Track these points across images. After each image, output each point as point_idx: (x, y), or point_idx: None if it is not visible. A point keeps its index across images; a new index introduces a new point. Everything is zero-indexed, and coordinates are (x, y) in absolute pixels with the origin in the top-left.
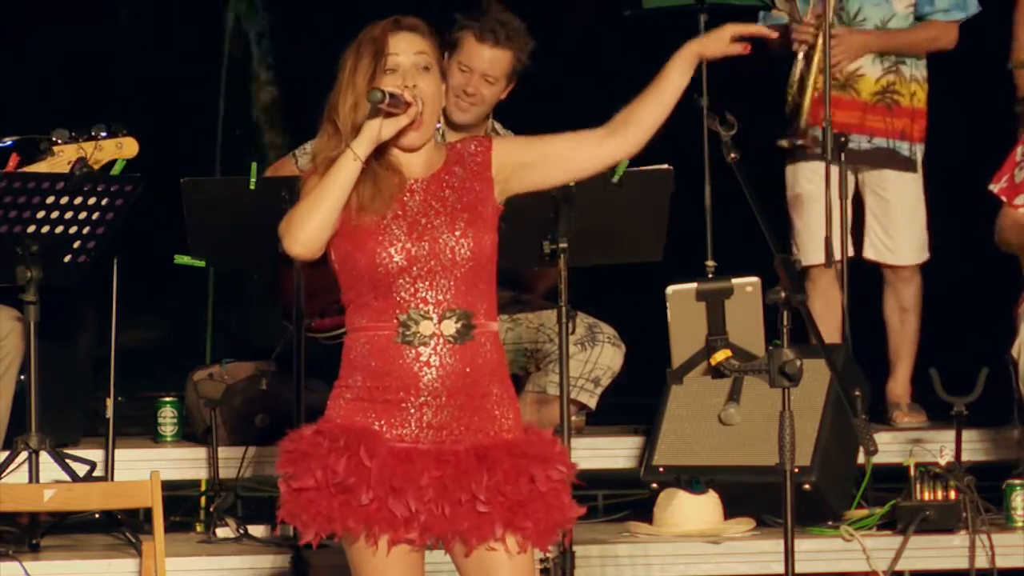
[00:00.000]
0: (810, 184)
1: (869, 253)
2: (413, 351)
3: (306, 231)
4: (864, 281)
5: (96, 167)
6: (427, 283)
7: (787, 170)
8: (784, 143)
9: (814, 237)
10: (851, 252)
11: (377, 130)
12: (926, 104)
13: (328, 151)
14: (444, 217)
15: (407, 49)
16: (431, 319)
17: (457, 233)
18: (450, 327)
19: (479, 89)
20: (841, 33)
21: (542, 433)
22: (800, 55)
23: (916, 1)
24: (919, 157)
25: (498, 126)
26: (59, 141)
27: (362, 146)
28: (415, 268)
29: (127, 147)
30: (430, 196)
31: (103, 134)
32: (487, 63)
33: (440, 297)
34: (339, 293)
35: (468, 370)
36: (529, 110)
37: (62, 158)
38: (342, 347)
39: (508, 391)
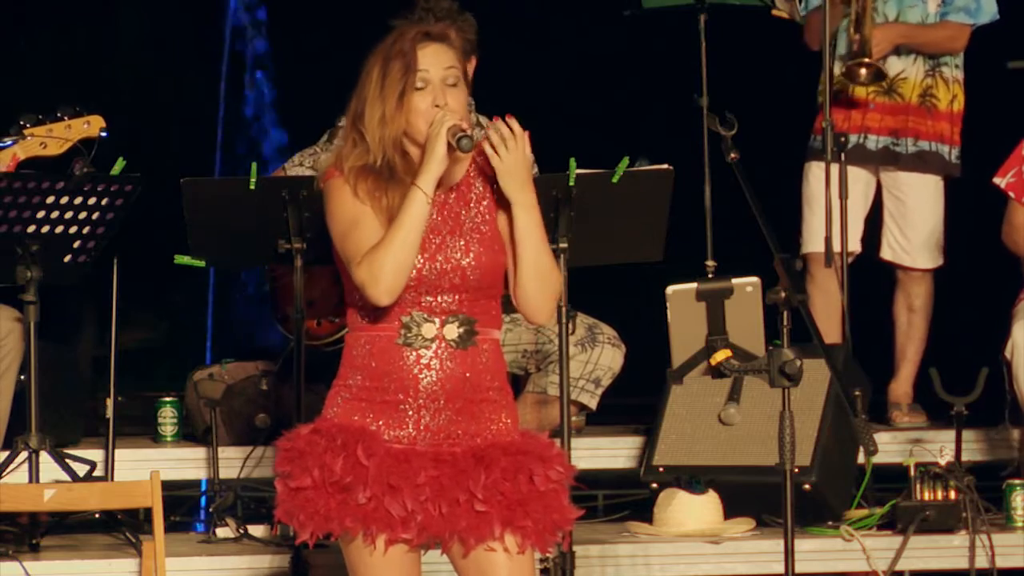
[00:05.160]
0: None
1: (886, 254)
2: (414, 353)
3: (389, 280)
4: (869, 280)
5: (68, 146)
6: (433, 292)
7: (805, 166)
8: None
9: (820, 230)
10: (859, 249)
11: (443, 166)
12: (964, 107)
13: (356, 160)
14: (457, 237)
15: (436, 64)
16: (434, 322)
17: (470, 255)
18: (452, 331)
19: None
20: (877, 28)
21: (539, 436)
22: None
23: (941, 2)
24: (957, 160)
25: (483, 120)
26: (27, 124)
27: (430, 184)
28: (423, 285)
29: (94, 124)
30: (447, 214)
31: (69, 115)
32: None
33: (444, 304)
34: (334, 303)
35: (468, 375)
36: (529, 110)
37: (33, 141)
38: (342, 350)
39: (507, 398)
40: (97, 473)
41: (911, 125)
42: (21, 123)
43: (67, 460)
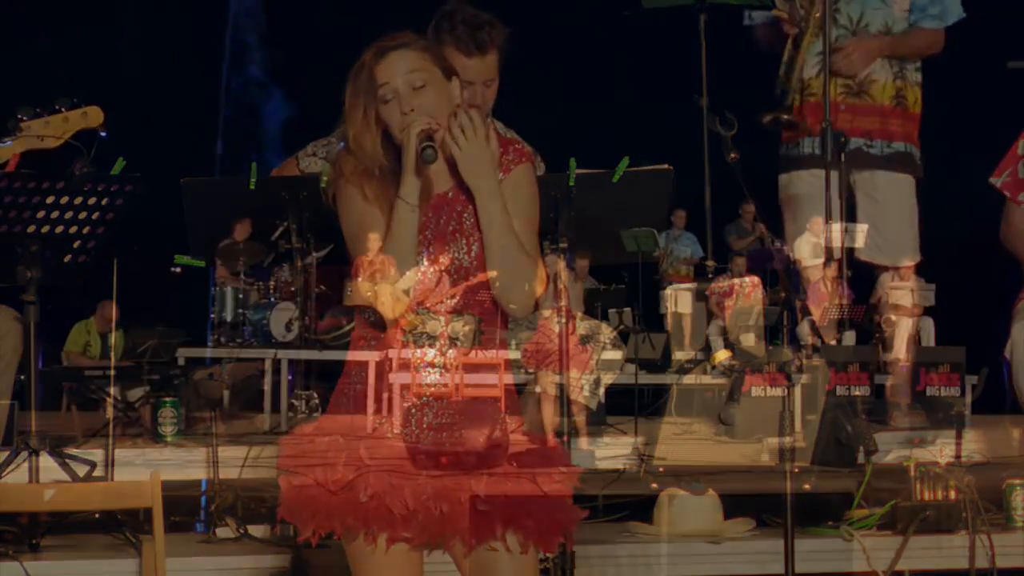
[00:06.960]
0: (807, 187)
1: (863, 254)
2: (419, 351)
3: (391, 295)
4: (868, 280)
5: (66, 137)
6: (438, 292)
7: (780, 177)
8: (767, 118)
9: (806, 237)
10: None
11: (418, 174)
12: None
13: (354, 166)
14: (460, 236)
15: (396, 72)
16: (439, 320)
17: (471, 254)
18: (458, 329)
19: (484, 96)
20: (853, 42)
21: (544, 438)
22: (790, 39)
23: (910, 7)
24: (921, 162)
25: (499, 125)
26: (24, 118)
27: (412, 194)
28: (428, 286)
29: (92, 115)
30: (450, 214)
31: (66, 108)
32: (484, 72)
33: (450, 302)
34: (337, 299)
35: (473, 374)
36: (530, 109)
37: (30, 134)
38: (347, 348)
39: (511, 397)
40: (97, 473)
41: (886, 127)
42: (18, 116)
43: (67, 460)
